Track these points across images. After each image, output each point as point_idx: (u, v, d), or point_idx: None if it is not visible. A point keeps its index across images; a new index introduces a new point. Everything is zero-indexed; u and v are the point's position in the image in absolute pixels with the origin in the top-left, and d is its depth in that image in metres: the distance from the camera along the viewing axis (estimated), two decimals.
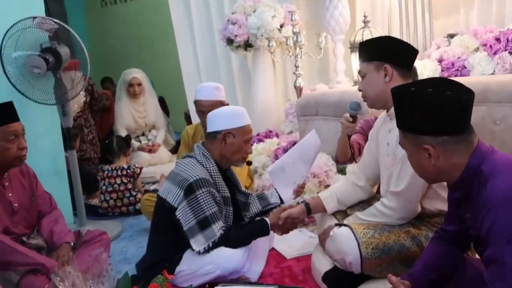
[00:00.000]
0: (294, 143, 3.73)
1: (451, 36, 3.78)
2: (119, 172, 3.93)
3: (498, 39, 3.50)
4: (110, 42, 7.75)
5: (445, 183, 1.94)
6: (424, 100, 1.45)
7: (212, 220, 2.28)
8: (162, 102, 5.82)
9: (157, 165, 4.97)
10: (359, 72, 2.18)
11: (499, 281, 1.33)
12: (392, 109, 2.07)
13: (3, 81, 3.02)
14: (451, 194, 1.65)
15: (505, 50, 3.38)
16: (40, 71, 2.89)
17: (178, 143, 5.50)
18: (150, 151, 5.03)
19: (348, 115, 2.45)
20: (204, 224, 2.27)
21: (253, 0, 4.39)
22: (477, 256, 1.90)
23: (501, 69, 3.26)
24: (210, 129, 2.47)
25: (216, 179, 2.41)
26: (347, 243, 1.99)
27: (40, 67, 2.88)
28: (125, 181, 3.92)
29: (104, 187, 3.91)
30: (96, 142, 4.92)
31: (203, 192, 2.28)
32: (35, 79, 2.99)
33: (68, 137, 3.33)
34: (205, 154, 2.44)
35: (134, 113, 5.14)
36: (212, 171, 2.41)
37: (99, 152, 4.95)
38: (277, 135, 4.21)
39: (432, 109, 1.44)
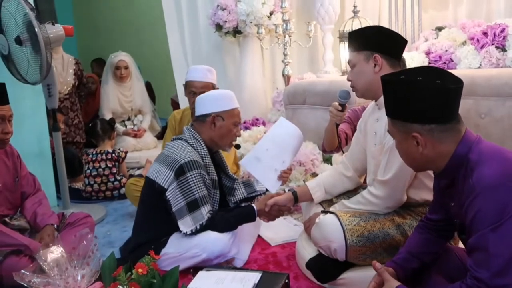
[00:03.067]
0: None
1: (439, 29, 3.81)
2: (103, 156, 3.90)
3: (485, 33, 3.54)
4: (97, 26, 7.65)
5: (431, 173, 1.99)
6: (413, 88, 1.47)
7: (201, 203, 2.29)
8: (148, 87, 5.77)
9: (142, 150, 4.95)
10: (349, 62, 2.19)
11: (482, 268, 1.36)
12: (381, 99, 2.09)
13: None
14: (437, 182, 1.68)
15: (492, 44, 3.42)
16: (5, 51, 2.87)
17: (163, 129, 5.49)
18: (135, 136, 4.99)
19: (337, 103, 2.45)
20: (193, 206, 2.27)
21: None
22: (460, 245, 1.95)
23: (488, 63, 3.30)
24: (199, 112, 2.47)
25: (206, 161, 2.41)
26: (332, 230, 2.01)
27: (3, 45, 2.87)
28: (109, 165, 3.89)
29: (88, 171, 3.87)
30: (82, 126, 4.86)
31: (193, 174, 2.29)
32: (16, 57, 2.93)
33: (53, 119, 3.29)
34: (195, 136, 2.44)
35: (120, 97, 5.09)
36: (202, 153, 2.41)
37: (85, 137, 4.90)
38: (263, 123, 4.20)
39: (421, 97, 1.45)
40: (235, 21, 4.20)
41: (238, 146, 2.62)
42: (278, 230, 2.79)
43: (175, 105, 5.48)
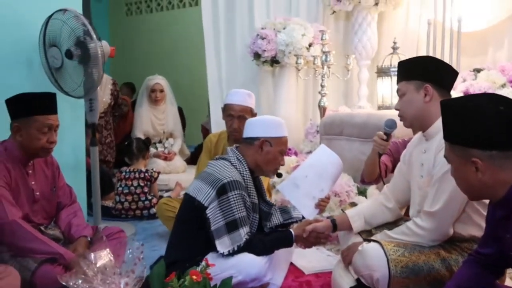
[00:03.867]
0: None
1: (478, 70, 3.79)
2: (136, 175, 3.91)
3: None
4: (133, 51, 7.82)
5: (480, 208, 1.95)
6: (476, 112, 1.46)
7: (240, 224, 2.26)
8: (179, 112, 5.84)
9: (171, 173, 4.95)
10: (397, 91, 2.18)
11: None
12: (430, 129, 2.07)
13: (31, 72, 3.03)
14: (492, 213, 1.63)
15: None
16: (58, 63, 2.94)
17: (192, 154, 5.52)
18: (165, 158, 5.02)
19: (381, 132, 2.43)
20: (232, 226, 2.24)
21: (283, 18, 4.43)
22: (506, 282, 1.88)
23: None
24: (247, 134, 2.46)
25: (248, 183, 2.39)
26: (376, 259, 1.95)
27: (57, 59, 2.93)
28: (141, 184, 3.90)
29: (120, 189, 3.88)
30: (113, 146, 4.91)
31: (235, 195, 2.27)
32: (67, 71, 3.00)
33: (92, 133, 3.33)
34: (239, 158, 2.43)
35: (154, 119, 5.15)
36: (244, 175, 2.39)
37: (115, 157, 4.95)
38: (295, 154, 4.19)
39: (483, 122, 1.44)
40: (274, 50, 4.25)
41: (280, 175, 2.60)
42: (311, 259, 2.74)
43: (206, 131, 5.53)
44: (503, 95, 1.61)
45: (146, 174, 3.95)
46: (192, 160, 5.33)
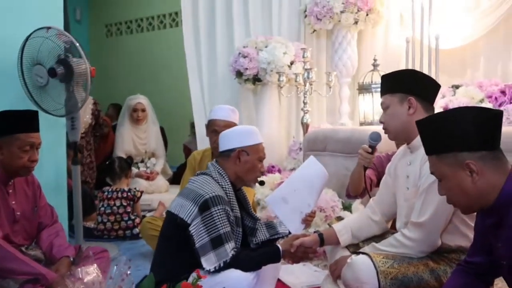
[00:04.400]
0: None
1: (456, 87, 3.86)
2: (119, 194, 3.86)
3: (503, 92, 3.59)
4: (114, 72, 7.79)
5: (465, 218, 1.96)
6: (457, 118, 1.50)
7: (225, 239, 2.22)
8: (161, 132, 5.80)
9: (154, 193, 4.90)
10: (382, 104, 2.20)
11: None
12: (414, 141, 2.09)
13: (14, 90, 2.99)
14: (482, 221, 1.64)
15: (510, 102, 3.46)
16: (43, 81, 2.89)
17: (175, 174, 5.48)
18: (148, 178, 4.97)
19: (366, 146, 2.44)
20: (217, 242, 2.21)
21: (265, 36, 4.47)
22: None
23: (506, 121, 3.31)
24: (223, 147, 2.45)
25: (230, 197, 2.37)
26: (365, 271, 1.95)
27: (43, 77, 2.89)
28: (124, 204, 3.84)
29: (102, 209, 3.82)
30: (93, 167, 4.85)
31: (218, 210, 2.24)
32: (51, 89, 2.97)
33: (75, 152, 3.28)
34: (220, 172, 2.40)
35: (135, 139, 5.12)
36: (226, 189, 2.37)
37: (94, 178, 4.88)
38: (279, 171, 4.19)
39: (468, 125, 1.48)
40: (255, 68, 4.28)
41: (262, 183, 2.59)
42: (299, 275, 2.73)
43: (188, 151, 5.51)
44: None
45: (129, 194, 3.89)
46: (174, 179, 5.28)
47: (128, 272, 1.54)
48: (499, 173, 1.48)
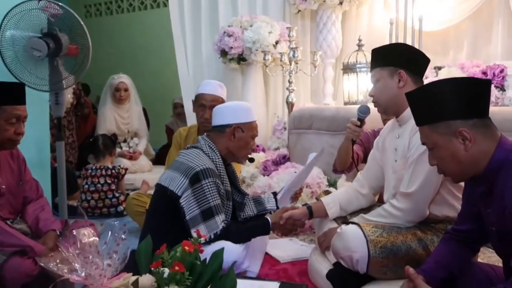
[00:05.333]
0: (284, 156, 3.75)
1: (439, 68, 3.91)
2: (103, 172, 3.82)
3: (484, 73, 3.65)
4: (93, 53, 7.63)
5: (452, 188, 2.00)
6: (449, 86, 1.52)
7: (215, 212, 2.23)
8: (144, 113, 5.76)
9: (137, 173, 4.87)
10: (372, 78, 2.21)
11: None
12: (404, 114, 2.12)
13: None
14: (471, 190, 1.67)
15: (491, 83, 3.51)
16: (41, 54, 2.81)
17: (157, 155, 5.45)
18: (130, 158, 4.92)
19: (355, 119, 2.46)
20: (207, 214, 2.22)
21: (250, 16, 4.45)
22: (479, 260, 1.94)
23: None
24: (217, 122, 2.44)
25: (221, 171, 2.37)
26: (355, 240, 1.97)
27: (41, 50, 2.81)
28: (108, 181, 3.80)
29: (86, 186, 3.77)
30: (75, 146, 4.79)
31: (209, 182, 2.24)
32: (32, 64, 2.91)
33: (59, 128, 3.23)
34: (211, 146, 2.40)
35: (118, 118, 5.06)
36: (217, 163, 2.37)
37: (77, 158, 4.83)
38: (263, 150, 4.20)
39: (459, 94, 1.50)
40: (240, 48, 4.26)
41: (252, 160, 2.61)
42: (286, 249, 2.75)
43: (170, 132, 5.47)
44: None
45: (113, 171, 3.85)
46: (157, 160, 5.26)
47: (123, 236, 1.53)
48: (490, 140, 1.51)
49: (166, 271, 1.26)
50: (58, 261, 1.46)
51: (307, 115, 3.62)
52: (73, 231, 1.42)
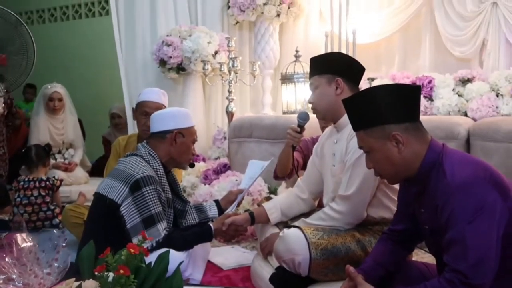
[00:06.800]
0: (224, 165, 3.76)
1: (372, 79, 4.07)
2: (36, 184, 3.66)
3: (414, 84, 3.83)
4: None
5: (389, 192, 2.10)
6: (381, 92, 1.60)
7: (157, 219, 2.21)
8: (79, 123, 5.59)
9: (72, 185, 4.70)
10: (310, 85, 2.28)
11: (460, 261, 1.43)
12: (341, 120, 2.20)
13: None
14: (405, 192, 1.76)
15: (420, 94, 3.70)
16: None
17: (94, 166, 5.31)
18: (66, 169, 4.75)
19: (295, 126, 2.52)
20: (149, 222, 2.19)
21: (189, 26, 4.46)
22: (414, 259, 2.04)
23: None
24: (157, 128, 2.42)
25: (162, 178, 2.36)
26: (297, 243, 2.01)
27: None
28: (42, 193, 3.65)
29: (18, 199, 3.60)
30: (6, 159, 4.56)
31: (150, 190, 2.22)
32: None
33: None
34: (151, 153, 2.38)
35: (52, 129, 4.88)
36: (158, 170, 2.35)
37: (7, 171, 4.60)
38: (204, 160, 4.20)
39: (392, 99, 1.58)
40: (179, 57, 4.25)
41: (192, 165, 2.60)
42: (228, 256, 2.76)
43: (107, 142, 5.34)
44: None
45: (48, 183, 3.71)
46: (94, 171, 5.12)
47: (63, 244, 1.48)
48: (421, 143, 1.60)
49: (111, 275, 1.23)
50: None
51: (247, 124, 3.66)
52: (12, 238, 1.36)
